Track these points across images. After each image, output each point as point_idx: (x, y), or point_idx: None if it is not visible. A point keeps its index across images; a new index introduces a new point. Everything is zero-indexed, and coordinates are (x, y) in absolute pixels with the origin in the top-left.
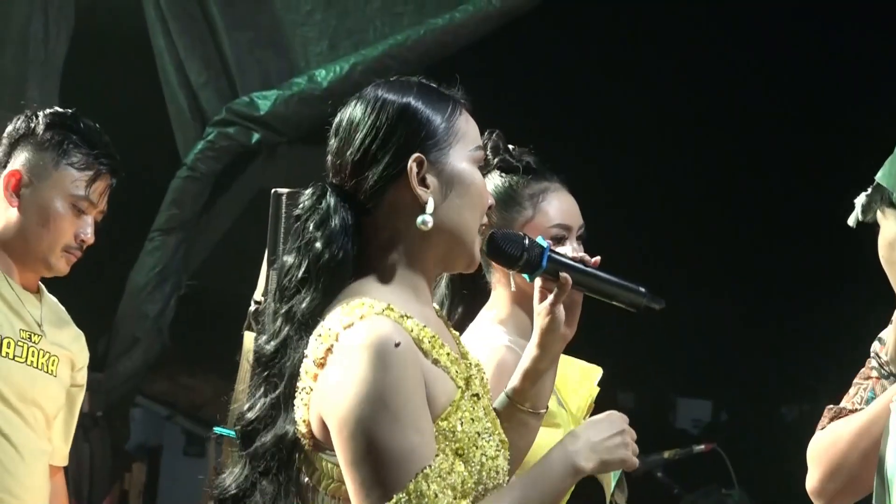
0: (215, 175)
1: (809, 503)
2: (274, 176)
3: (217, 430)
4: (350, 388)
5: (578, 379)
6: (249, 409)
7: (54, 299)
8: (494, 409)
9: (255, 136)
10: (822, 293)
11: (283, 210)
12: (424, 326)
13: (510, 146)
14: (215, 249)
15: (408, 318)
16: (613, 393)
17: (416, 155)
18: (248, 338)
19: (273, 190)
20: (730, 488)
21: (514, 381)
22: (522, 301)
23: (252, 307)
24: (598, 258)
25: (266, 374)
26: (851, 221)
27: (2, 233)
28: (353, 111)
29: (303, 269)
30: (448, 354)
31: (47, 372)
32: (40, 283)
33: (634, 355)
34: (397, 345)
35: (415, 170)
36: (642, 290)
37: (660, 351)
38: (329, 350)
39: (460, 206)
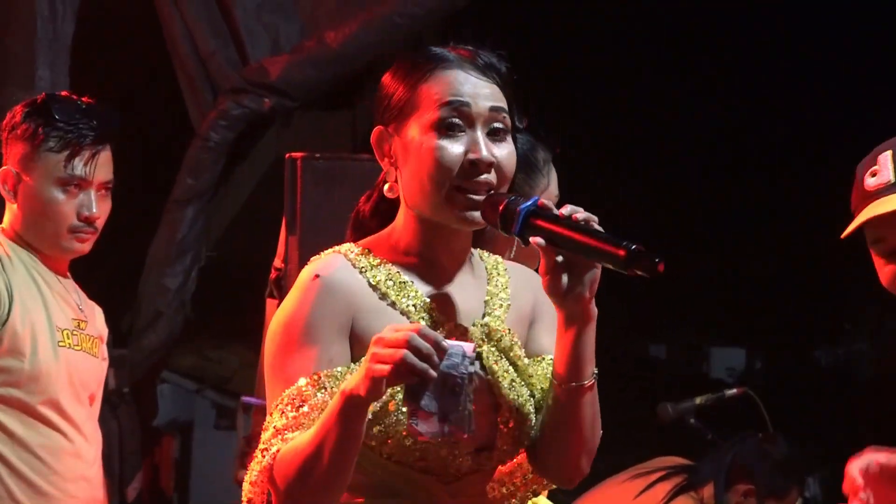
0: (229, 144)
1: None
2: (290, 142)
3: (246, 399)
4: (276, 313)
5: None
6: None
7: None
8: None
9: (268, 103)
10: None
11: (299, 174)
12: (397, 272)
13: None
14: (235, 219)
15: (374, 259)
16: (644, 345)
17: (375, 129)
18: (271, 305)
19: (287, 155)
20: (765, 432)
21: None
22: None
23: (273, 274)
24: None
25: None
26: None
27: (17, 229)
28: None
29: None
30: (416, 305)
31: (94, 355)
32: None
33: (664, 306)
34: (316, 277)
35: (375, 144)
36: (632, 248)
37: (690, 301)
38: None
39: (412, 175)
